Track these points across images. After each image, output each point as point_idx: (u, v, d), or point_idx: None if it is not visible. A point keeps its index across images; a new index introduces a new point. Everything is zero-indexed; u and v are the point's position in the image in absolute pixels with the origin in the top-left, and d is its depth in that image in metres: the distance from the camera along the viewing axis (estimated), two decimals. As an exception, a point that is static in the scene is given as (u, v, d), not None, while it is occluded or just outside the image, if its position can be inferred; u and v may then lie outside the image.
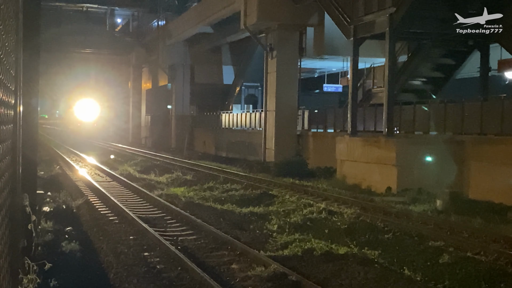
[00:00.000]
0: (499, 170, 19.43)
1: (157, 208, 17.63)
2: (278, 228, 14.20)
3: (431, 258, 10.92)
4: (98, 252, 11.81)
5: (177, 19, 55.47)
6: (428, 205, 17.89)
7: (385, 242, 12.41)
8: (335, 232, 13.46)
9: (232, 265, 10.81)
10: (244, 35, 39.48)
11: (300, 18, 33.94)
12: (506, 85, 30.38)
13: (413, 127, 24.60)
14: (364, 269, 10.38)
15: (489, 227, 14.37)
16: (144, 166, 31.16)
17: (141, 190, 20.94)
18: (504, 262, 11.05)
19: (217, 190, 21.53)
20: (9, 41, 4.35)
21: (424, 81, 30.30)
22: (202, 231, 13.81)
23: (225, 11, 39.87)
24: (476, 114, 21.37)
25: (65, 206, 16.55)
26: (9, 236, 4.60)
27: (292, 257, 11.31)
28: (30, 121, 8.14)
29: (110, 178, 25.89)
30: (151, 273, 10.21)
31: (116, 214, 16.33)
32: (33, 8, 8.13)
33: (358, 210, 16.79)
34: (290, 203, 18.12)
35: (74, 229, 13.54)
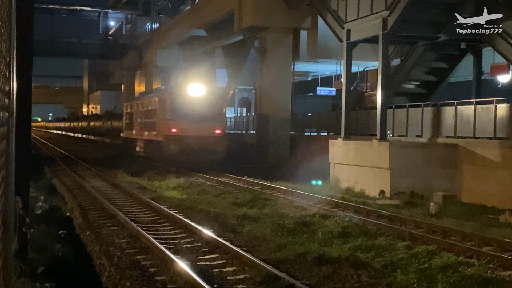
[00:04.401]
0: (492, 174, 19.51)
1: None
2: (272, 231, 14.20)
3: (424, 262, 10.94)
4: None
5: (170, 22, 55.54)
6: (421, 208, 17.93)
7: (378, 245, 12.41)
8: (328, 235, 13.46)
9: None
10: (238, 38, 39.52)
11: (293, 21, 34.03)
12: (499, 89, 30.52)
13: (406, 131, 24.67)
14: (357, 272, 10.39)
15: (482, 230, 14.42)
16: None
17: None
18: (497, 265, 11.10)
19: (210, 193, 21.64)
20: (2, 44, 4.34)
21: (417, 84, 30.40)
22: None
23: (219, 14, 39.89)
24: (469, 118, 21.46)
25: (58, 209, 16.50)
26: (2, 239, 4.59)
27: (285, 260, 11.29)
28: (23, 123, 8.12)
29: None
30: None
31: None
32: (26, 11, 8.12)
33: (351, 213, 16.83)
34: (283, 206, 18.13)
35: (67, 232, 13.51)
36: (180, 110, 30.82)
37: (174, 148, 30.29)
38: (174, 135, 30.60)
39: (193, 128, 30.38)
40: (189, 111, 30.64)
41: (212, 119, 31.03)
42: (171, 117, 30.89)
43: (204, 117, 30.72)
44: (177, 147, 30.23)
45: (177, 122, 30.63)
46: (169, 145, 30.51)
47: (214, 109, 31.46)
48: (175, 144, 30.30)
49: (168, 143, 30.61)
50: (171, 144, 30.42)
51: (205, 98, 31.34)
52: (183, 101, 31.07)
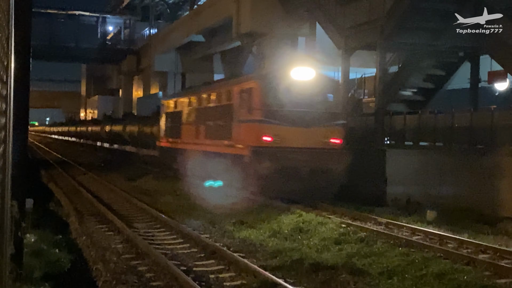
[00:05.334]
0: (488, 182, 19.50)
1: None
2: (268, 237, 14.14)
3: (421, 269, 10.94)
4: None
5: (168, 28, 55.63)
6: (417, 215, 17.92)
7: (374, 252, 12.42)
8: (324, 242, 13.46)
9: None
10: (236, 44, 39.59)
11: (292, 28, 34.11)
12: (496, 96, 30.55)
13: (404, 137, 24.69)
14: (353, 278, 10.40)
15: (479, 238, 14.44)
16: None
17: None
18: (493, 273, 11.10)
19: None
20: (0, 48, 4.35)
21: (414, 91, 30.43)
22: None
23: (217, 20, 39.98)
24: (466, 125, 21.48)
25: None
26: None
27: (281, 266, 11.28)
28: (20, 128, 8.12)
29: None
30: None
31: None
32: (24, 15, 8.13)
33: (348, 220, 16.82)
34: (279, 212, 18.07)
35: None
36: (279, 106, 19.85)
37: (268, 167, 19.27)
38: (267, 147, 19.46)
39: (299, 136, 19.73)
40: (293, 108, 19.86)
41: (329, 120, 20.55)
42: (263, 117, 19.65)
43: (317, 118, 20.21)
44: (273, 167, 19.25)
45: (273, 125, 19.62)
46: (259, 162, 19.32)
47: (332, 106, 21.10)
48: (271, 162, 19.23)
49: (257, 160, 19.39)
50: (263, 162, 19.28)
51: (318, 88, 20.63)
52: (284, 92, 20.05)
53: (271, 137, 19.47)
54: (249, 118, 20.10)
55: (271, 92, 19.94)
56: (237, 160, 20.62)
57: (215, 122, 23.32)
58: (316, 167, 19.70)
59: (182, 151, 27.57)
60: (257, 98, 19.93)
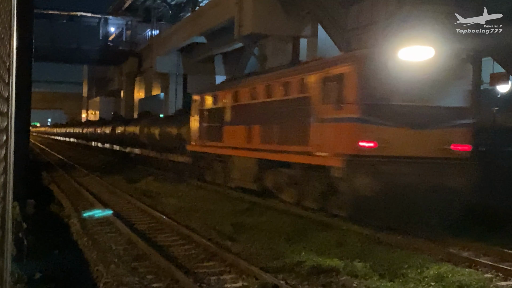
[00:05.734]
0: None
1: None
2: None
3: (422, 271, 10.93)
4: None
5: (170, 29, 55.64)
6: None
7: (376, 254, 12.39)
8: (325, 244, 13.42)
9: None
10: (238, 45, 39.59)
11: (294, 29, 34.10)
12: (498, 99, 30.50)
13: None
14: (355, 280, 10.38)
15: (480, 239, 14.40)
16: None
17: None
18: (494, 275, 11.09)
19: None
20: (2, 49, 4.35)
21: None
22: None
23: (219, 21, 39.99)
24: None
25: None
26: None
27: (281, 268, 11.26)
28: (22, 129, 8.12)
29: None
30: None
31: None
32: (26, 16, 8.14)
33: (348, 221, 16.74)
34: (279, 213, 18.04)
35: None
36: (385, 100, 14.54)
37: (370, 185, 14.01)
38: (369, 156, 14.23)
39: (413, 141, 14.52)
40: (404, 102, 14.62)
41: (454, 118, 15.11)
42: (362, 115, 14.31)
43: (437, 116, 14.89)
44: (376, 183, 13.97)
45: (377, 126, 14.32)
46: (357, 178, 14.17)
47: (458, 98, 15.45)
48: (374, 177, 14.00)
49: (354, 175, 14.27)
50: (362, 177, 14.09)
51: (440, 73, 15.06)
52: (393, 79, 14.53)
53: (374, 142, 14.27)
54: (339, 116, 14.89)
55: (374, 79, 14.50)
56: (318, 173, 16.00)
57: (280, 122, 18.27)
58: (437, 184, 14.35)
59: (225, 158, 22.89)
60: (352, 88, 14.54)
